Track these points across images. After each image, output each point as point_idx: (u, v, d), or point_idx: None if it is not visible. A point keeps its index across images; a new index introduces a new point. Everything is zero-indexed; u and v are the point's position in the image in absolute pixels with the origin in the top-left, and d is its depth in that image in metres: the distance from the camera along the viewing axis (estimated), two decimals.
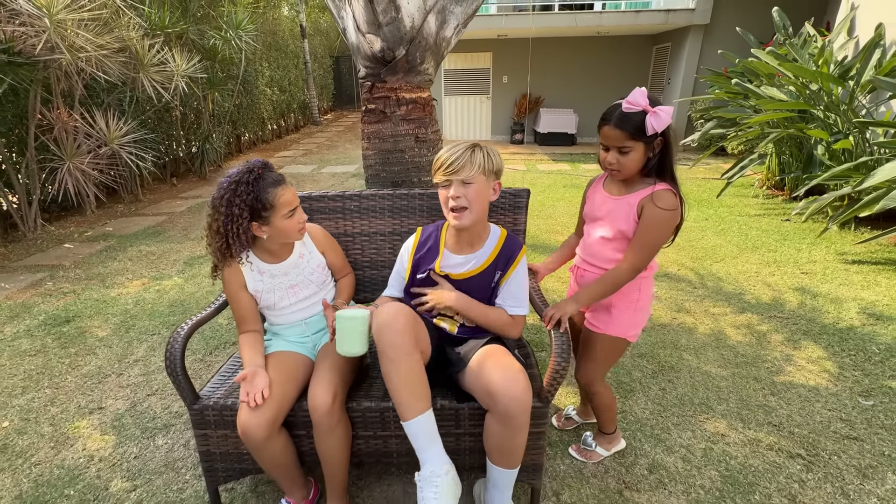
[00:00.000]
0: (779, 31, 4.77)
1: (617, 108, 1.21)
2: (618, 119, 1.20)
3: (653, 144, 1.22)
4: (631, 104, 1.18)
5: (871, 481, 1.51)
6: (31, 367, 2.22)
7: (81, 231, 4.32)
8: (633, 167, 1.24)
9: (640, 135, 1.19)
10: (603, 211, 1.34)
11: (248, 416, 1.16)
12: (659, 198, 1.23)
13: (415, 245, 1.41)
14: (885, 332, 2.35)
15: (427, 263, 1.36)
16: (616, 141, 1.22)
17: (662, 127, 1.18)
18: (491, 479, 1.25)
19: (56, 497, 1.51)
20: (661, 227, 1.24)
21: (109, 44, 3.63)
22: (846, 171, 3.32)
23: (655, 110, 1.17)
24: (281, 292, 1.39)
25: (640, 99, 1.17)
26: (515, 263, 1.32)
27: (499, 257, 1.32)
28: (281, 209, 1.27)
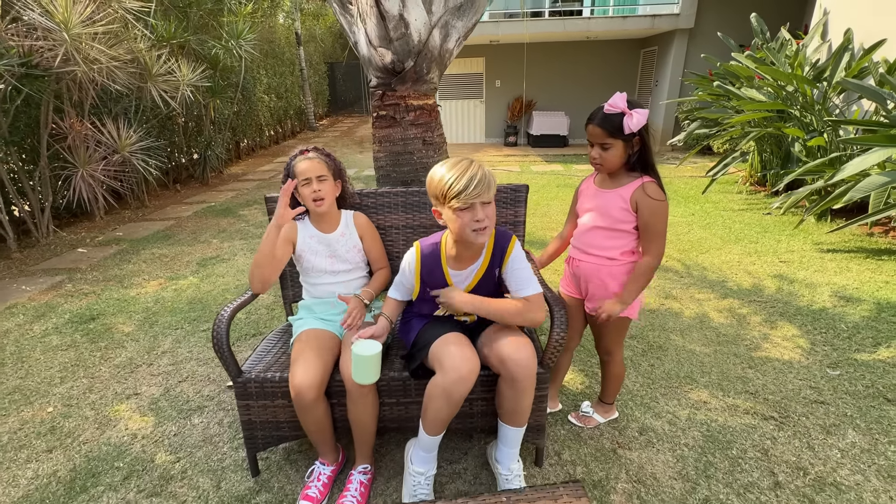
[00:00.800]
0: (757, 36, 5.04)
1: (600, 109, 1.39)
2: (599, 119, 1.39)
3: (631, 142, 1.40)
4: (611, 107, 1.36)
5: (834, 437, 1.71)
6: (66, 360, 2.37)
7: (93, 236, 4.45)
8: (614, 161, 1.42)
9: (619, 133, 1.37)
10: (595, 203, 1.51)
11: (301, 378, 1.33)
12: (650, 190, 1.41)
13: (417, 266, 1.45)
14: (854, 312, 2.57)
15: (434, 283, 1.45)
16: (599, 138, 1.41)
17: (638, 127, 1.35)
18: (501, 438, 1.44)
19: (107, 468, 1.67)
20: (661, 214, 1.42)
21: (121, 55, 3.80)
22: (819, 166, 3.56)
23: (631, 112, 1.34)
24: (321, 258, 1.63)
25: (620, 102, 1.36)
26: (508, 252, 1.39)
27: (493, 256, 1.41)
28: (299, 176, 1.54)
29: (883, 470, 1.56)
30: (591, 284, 1.57)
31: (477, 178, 1.23)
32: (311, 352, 1.42)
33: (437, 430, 1.35)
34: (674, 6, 7.95)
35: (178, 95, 4.66)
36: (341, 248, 1.65)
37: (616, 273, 1.52)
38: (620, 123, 1.35)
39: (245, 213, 5.12)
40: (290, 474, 1.61)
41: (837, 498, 1.46)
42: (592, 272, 1.55)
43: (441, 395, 1.27)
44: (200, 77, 4.99)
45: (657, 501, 1.47)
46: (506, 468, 1.44)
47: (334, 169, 1.64)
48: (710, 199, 4.97)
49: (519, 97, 9.84)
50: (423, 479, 1.40)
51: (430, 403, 1.30)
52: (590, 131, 1.42)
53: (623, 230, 1.48)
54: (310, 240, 1.64)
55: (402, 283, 1.53)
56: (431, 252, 1.44)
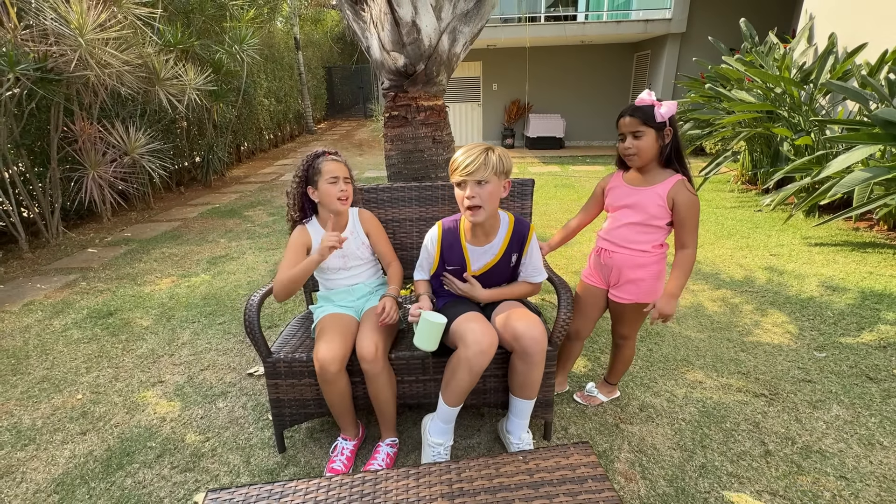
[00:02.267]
0: (746, 40, 5.22)
1: (631, 104, 1.49)
2: (631, 110, 1.47)
3: (662, 133, 1.46)
4: (641, 101, 1.47)
5: (820, 411, 1.84)
6: (89, 352, 2.46)
7: (101, 237, 4.54)
8: (647, 151, 1.47)
9: (651, 121, 1.44)
10: (630, 200, 1.56)
11: (324, 352, 1.44)
12: (687, 186, 1.48)
13: (439, 241, 1.60)
14: (840, 300, 2.71)
15: (452, 257, 1.59)
16: (631, 127, 1.46)
17: (668, 115, 1.43)
18: (513, 410, 1.56)
19: (140, 448, 1.77)
20: (696, 208, 1.49)
21: (132, 60, 3.90)
22: (806, 163, 3.72)
23: (661, 102, 1.44)
24: (334, 258, 1.70)
25: (647, 97, 1.46)
26: (528, 242, 1.57)
27: (512, 242, 1.57)
28: (325, 175, 1.61)
29: (864, 439, 1.69)
30: (623, 275, 1.63)
31: (471, 158, 1.39)
32: (333, 331, 1.54)
33: (456, 402, 1.47)
34: (666, 11, 8.15)
35: (184, 99, 4.76)
36: (351, 246, 1.73)
37: (646, 263, 1.58)
38: (651, 113, 1.43)
39: (250, 214, 5.22)
40: (314, 450, 1.72)
41: (822, 463, 1.59)
42: (625, 263, 1.61)
43: (464, 367, 1.39)
44: (205, 81, 5.09)
45: (657, 468, 1.59)
46: (517, 437, 1.56)
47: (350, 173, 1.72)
48: (704, 198, 5.12)
49: (515, 100, 10.01)
50: (441, 450, 1.51)
51: (453, 375, 1.42)
52: (623, 123, 1.49)
53: (657, 226, 1.54)
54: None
55: (425, 260, 1.67)
56: (451, 228, 1.59)
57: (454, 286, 1.62)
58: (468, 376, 1.40)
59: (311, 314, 1.93)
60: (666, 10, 8.14)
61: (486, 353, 1.38)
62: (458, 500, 1.11)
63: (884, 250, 3.39)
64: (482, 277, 1.61)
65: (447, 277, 1.63)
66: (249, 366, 2.28)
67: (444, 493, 1.13)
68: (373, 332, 1.53)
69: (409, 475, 1.18)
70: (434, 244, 1.62)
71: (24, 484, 1.62)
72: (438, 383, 1.63)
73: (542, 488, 1.13)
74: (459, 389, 1.43)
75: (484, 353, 1.37)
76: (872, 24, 4.28)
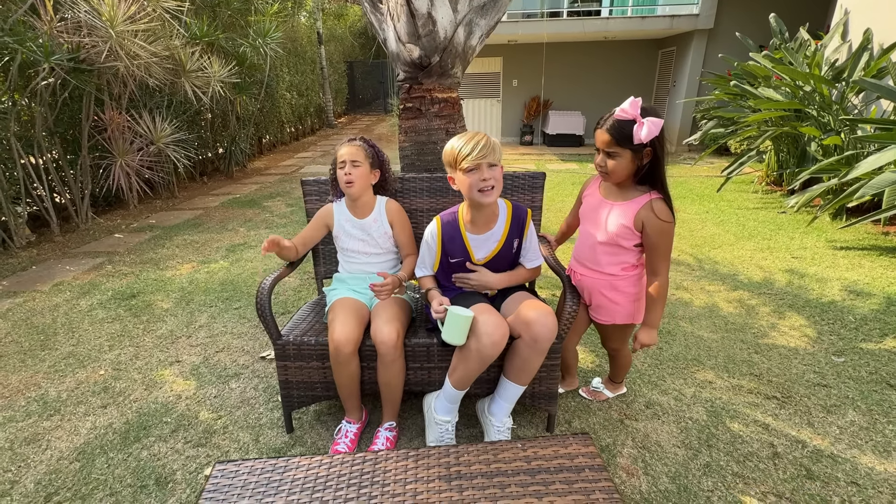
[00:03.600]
0: (775, 36, 5.05)
1: (612, 114, 1.31)
2: (609, 125, 1.30)
3: (641, 154, 1.30)
4: (623, 112, 1.26)
5: (834, 415, 1.80)
6: (112, 331, 2.57)
7: (128, 223, 4.71)
8: (620, 172, 1.33)
9: (627, 143, 1.26)
10: (599, 214, 1.47)
11: (339, 334, 1.48)
12: (657, 209, 1.33)
13: (439, 234, 1.60)
14: (863, 305, 2.62)
15: (454, 249, 1.60)
16: (605, 145, 1.32)
17: (648, 138, 1.23)
18: (502, 393, 1.55)
19: (157, 422, 1.84)
20: (668, 235, 1.36)
21: (160, 52, 4.02)
22: (834, 164, 3.59)
23: (644, 121, 1.22)
24: (355, 241, 1.77)
25: (630, 109, 1.25)
26: (527, 226, 1.60)
27: (512, 227, 1.58)
28: (337, 160, 1.69)
29: (879, 446, 1.64)
30: (595, 297, 1.58)
31: (482, 142, 1.41)
32: (347, 314, 1.57)
33: (464, 386, 1.51)
34: (693, 6, 7.94)
35: (209, 91, 4.88)
36: (374, 233, 1.77)
37: (619, 286, 1.51)
38: (629, 132, 1.26)
39: (269, 205, 5.33)
40: (320, 432, 1.77)
41: (833, 468, 1.55)
42: (594, 286, 1.56)
43: (476, 358, 1.42)
44: (229, 73, 5.21)
45: (660, 465, 1.58)
46: (499, 420, 1.57)
47: (373, 157, 1.74)
48: (725, 198, 5.00)
49: (535, 97, 9.92)
50: (448, 427, 1.56)
51: (462, 364, 1.45)
52: (597, 136, 1.35)
53: (624, 247, 1.45)
54: (345, 223, 1.78)
55: (426, 255, 1.67)
56: (450, 221, 1.61)
57: (468, 282, 1.62)
58: (478, 365, 1.44)
59: (322, 299, 1.97)
60: (693, 6, 7.93)
61: (499, 344, 1.40)
62: (454, 482, 1.13)
63: None
64: (488, 265, 1.62)
65: (459, 277, 1.64)
66: (262, 349, 2.35)
67: (442, 475, 1.15)
68: (394, 318, 1.56)
69: (408, 456, 1.21)
70: (434, 238, 1.62)
71: (48, 451, 1.71)
72: (442, 371, 1.65)
73: (538, 475, 1.14)
74: (468, 377, 1.47)
75: (496, 345, 1.40)
76: None
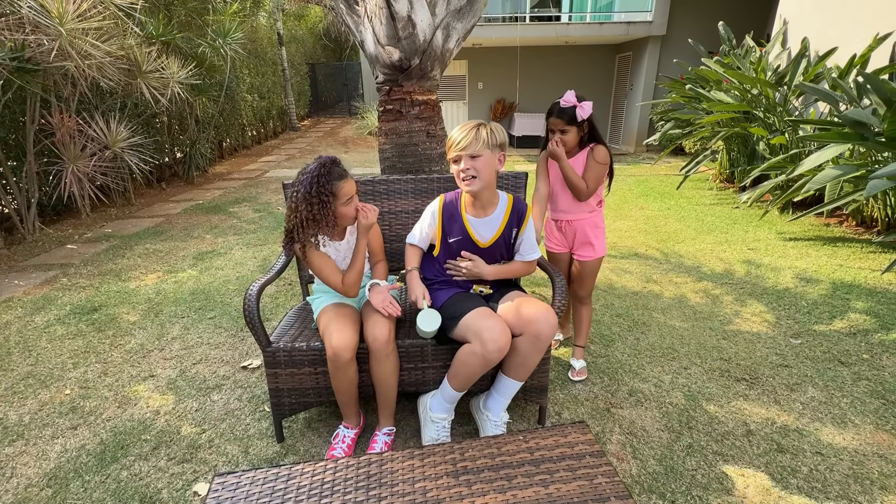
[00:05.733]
0: (724, 43, 5.40)
1: (557, 104, 1.81)
2: (558, 112, 1.81)
3: (582, 126, 1.83)
4: (566, 102, 1.78)
5: (796, 393, 1.95)
6: (75, 348, 2.41)
7: (80, 233, 4.42)
8: (571, 143, 1.85)
9: (574, 122, 1.80)
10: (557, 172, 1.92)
11: (338, 340, 1.46)
12: (597, 152, 1.85)
13: (440, 210, 1.67)
14: (813, 291, 2.85)
15: (453, 228, 1.66)
16: (558, 126, 1.83)
17: (587, 115, 1.78)
18: (500, 389, 1.59)
19: (135, 440, 1.75)
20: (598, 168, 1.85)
21: (114, 51, 3.81)
22: (781, 162, 3.88)
23: (581, 105, 1.77)
24: (340, 264, 1.69)
25: (571, 98, 1.78)
26: (526, 219, 1.66)
27: (511, 216, 1.64)
28: (341, 198, 1.54)
29: (837, 418, 1.80)
30: (580, 237, 1.98)
31: (464, 135, 1.51)
32: (342, 319, 1.55)
33: (464, 388, 1.53)
34: (647, 14, 8.35)
35: (167, 92, 4.66)
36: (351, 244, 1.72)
37: (597, 221, 1.97)
38: (573, 114, 1.78)
39: (236, 210, 5.15)
40: (313, 439, 1.74)
41: (800, 440, 1.69)
42: (581, 227, 1.96)
43: (479, 363, 1.45)
44: (189, 75, 5.00)
45: (647, 448, 1.66)
46: (496, 415, 1.60)
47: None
48: (684, 195, 5.29)
49: (501, 99, 10.11)
50: (444, 424, 1.58)
51: (464, 368, 1.48)
52: (551, 122, 1.85)
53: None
54: (328, 250, 1.66)
55: (421, 229, 1.72)
56: (452, 200, 1.69)
57: (458, 269, 1.64)
58: (481, 370, 1.47)
59: (307, 305, 1.94)
60: (647, 13, 8.34)
61: (503, 350, 1.44)
62: (462, 477, 1.15)
63: (852, 244, 3.56)
64: (488, 251, 1.65)
65: (450, 265, 1.66)
66: (243, 359, 2.28)
67: (449, 472, 1.16)
68: (385, 318, 1.56)
69: (413, 456, 1.21)
70: (436, 215, 1.69)
71: (14, 479, 1.59)
72: (437, 371, 1.66)
73: (542, 465, 1.17)
74: (469, 380, 1.50)
75: (501, 351, 1.43)
76: (842, 29, 4.49)
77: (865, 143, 3.04)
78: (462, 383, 1.52)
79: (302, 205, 1.49)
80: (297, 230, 1.53)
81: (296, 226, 1.52)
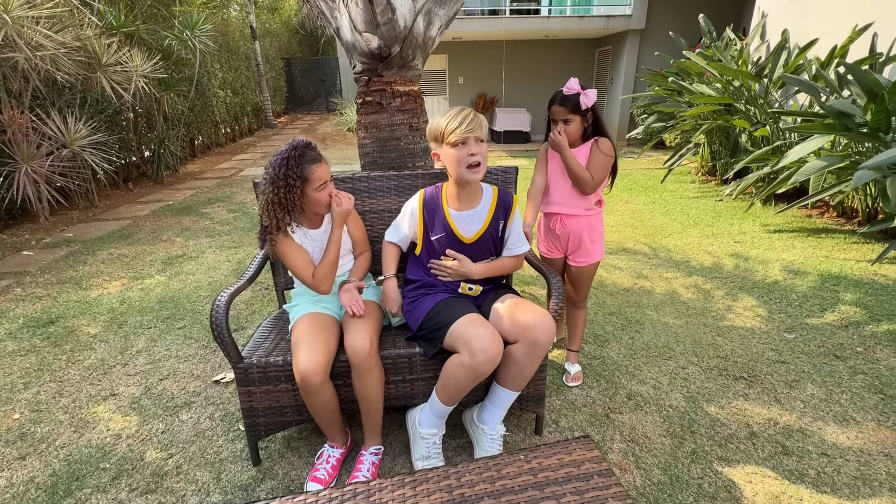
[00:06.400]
0: (705, 36, 5.40)
1: (560, 92, 1.71)
2: (561, 100, 1.69)
3: (586, 116, 1.72)
4: (569, 89, 1.68)
5: (796, 391, 1.90)
6: (26, 365, 2.20)
7: (38, 238, 4.12)
8: (574, 133, 1.73)
9: (577, 110, 1.68)
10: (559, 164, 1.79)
11: (305, 363, 1.31)
12: (601, 143, 1.74)
13: (420, 207, 1.57)
14: (802, 283, 2.83)
15: (436, 223, 1.55)
16: (562, 115, 1.71)
17: (591, 103, 1.68)
18: (495, 401, 1.48)
19: (92, 470, 1.58)
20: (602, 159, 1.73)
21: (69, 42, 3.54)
22: (764, 154, 3.88)
23: (586, 92, 1.67)
24: (317, 255, 1.56)
25: (575, 85, 1.68)
26: (513, 210, 1.57)
27: (497, 208, 1.55)
28: (314, 182, 1.44)
29: (838, 415, 1.75)
30: (574, 240, 1.84)
31: (469, 116, 1.42)
32: (313, 336, 1.41)
33: (454, 402, 1.41)
34: (626, 7, 8.34)
35: (130, 87, 4.38)
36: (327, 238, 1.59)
37: (593, 224, 1.84)
38: (577, 102, 1.67)
39: (208, 212, 4.90)
40: (292, 461, 1.59)
41: (804, 441, 1.63)
42: (577, 230, 1.83)
43: (469, 375, 1.32)
44: (154, 69, 4.72)
45: (650, 457, 1.57)
46: (492, 428, 1.49)
47: None
48: (668, 189, 5.28)
49: (482, 94, 10.00)
50: (435, 440, 1.46)
51: (453, 380, 1.35)
52: (554, 111, 1.73)
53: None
54: (305, 240, 1.56)
55: (399, 225, 1.63)
56: (433, 195, 1.58)
57: (443, 269, 1.53)
58: (471, 382, 1.35)
59: (284, 314, 1.79)
60: (626, 7, 8.33)
61: (494, 360, 1.32)
62: None
63: (836, 235, 3.59)
64: (475, 246, 1.54)
65: (434, 265, 1.55)
66: (215, 372, 2.11)
67: (445, 501, 1.04)
68: (365, 325, 1.43)
69: (404, 484, 1.09)
70: (416, 212, 1.58)
71: None
72: (426, 382, 1.54)
73: (547, 488, 1.07)
74: (460, 392, 1.38)
75: (491, 361, 1.32)
76: (821, 21, 4.52)
77: (849, 134, 3.04)
78: (452, 397, 1.40)
79: (269, 187, 1.42)
80: (262, 214, 1.45)
81: (262, 210, 1.44)
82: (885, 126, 2.86)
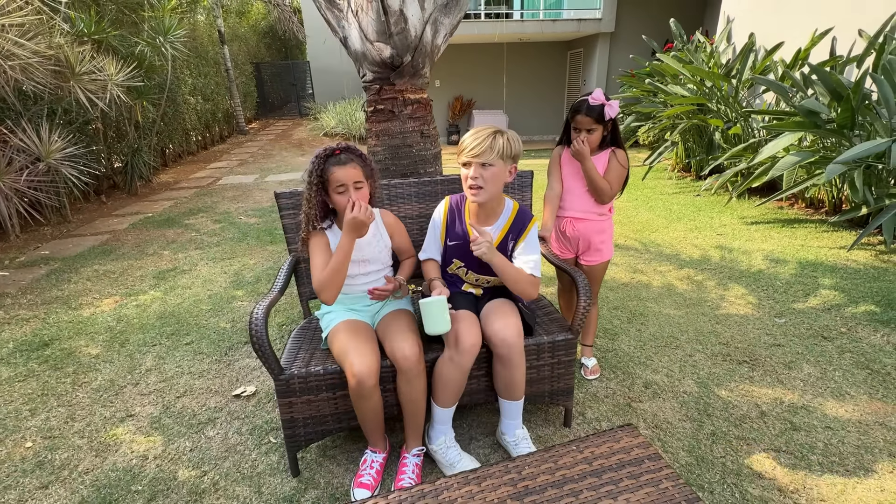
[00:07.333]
0: (676, 39, 5.66)
1: (585, 102, 1.74)
2: (587, 109, 1.74)
3: (607, 126, 1.80)
4: (594, 100, 1.74)
5: (794, 371, 2.05)
6: (28, 391, 2.10)
7: (12, 257, 3.90)
8: (595, 142, 1.81)
9: (601, 120, 1.75)
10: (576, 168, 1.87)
11: (360, 366, 1.33)
12: (619, 155, 1.83)
13: (445, 213, 1.62)
14: (784, 271, 3.04)
15: (455, 232, 1.59)
16: (587, 125, 1.77)
17: (615, 114, 1.77)
18: (503, 413, 1.57)
19: (124, 494, 1.54)
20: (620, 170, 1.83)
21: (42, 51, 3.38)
22: (739, 151, 4.12)
23: (609, 103, 1.74)
24: (353, 264, 1.56)
25: (600, 96, 1.74)
26: (527, 231, 1.54)
27: (511, 229, 1.56)
28: (332, 183, 1.45)
29: (835, 391, 1.90)
30: (585, 242, 1.92)
31: (479, 140, 1.42)
32: (360, 340, 1.43)
33: (450, 403, 1.49)
34: (596, 11, 8.62)
35: (105, 96, 4.21)
36: (372, 251, 1.61)
37: (604, 227, 1.92)
38: (601, 112, 1.74)
39: (192, 222, 4.76)
40: (332, 469, 1.60)
41: (809, 417, 1.76)
42: (588, 231, 1.90)
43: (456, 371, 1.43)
44: (129, 76, 4.55)
45: (675, 441, 1.67)
46: (512, 435, 1.57)
47: (368, 170, 1.54)
48: (648, 186, 5.50)
49: (459, 96, 10.09)
50: (445, 446, 1.52)
51: (440, 376, 1.45)
52: (579, 119, 1.78)
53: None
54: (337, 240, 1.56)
55: (431, 238, 1.66)
56: (457, 204, 1.63)
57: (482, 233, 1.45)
58: (458, 374, 1.43)
59: (311, 323, 1.79)
60: (596, 10, 8.61)
61: (469, 351, 1.41)
62: (527, 499, 1.08)
63: (807, 225, 3.85)
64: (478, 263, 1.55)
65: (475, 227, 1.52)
66: (233, 386, 2.08)
67: (512, 494, 1.09)
68: (409, 330, 1.47)
69: (469, 481, 1.13)
70: (441, 217, 1.63)
71: None
72: None
73: (604, 475, 1.13)
74: (451, 390, 1.46)
75: (467, 352, 1.40)
76: (783, 26, 4.83)
77: (818, 131, 3.28)
78: (449, 398, 1.48)
79: (304, 185, 1.53)
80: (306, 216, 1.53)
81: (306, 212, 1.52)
82: (849, 123, 3.10)
